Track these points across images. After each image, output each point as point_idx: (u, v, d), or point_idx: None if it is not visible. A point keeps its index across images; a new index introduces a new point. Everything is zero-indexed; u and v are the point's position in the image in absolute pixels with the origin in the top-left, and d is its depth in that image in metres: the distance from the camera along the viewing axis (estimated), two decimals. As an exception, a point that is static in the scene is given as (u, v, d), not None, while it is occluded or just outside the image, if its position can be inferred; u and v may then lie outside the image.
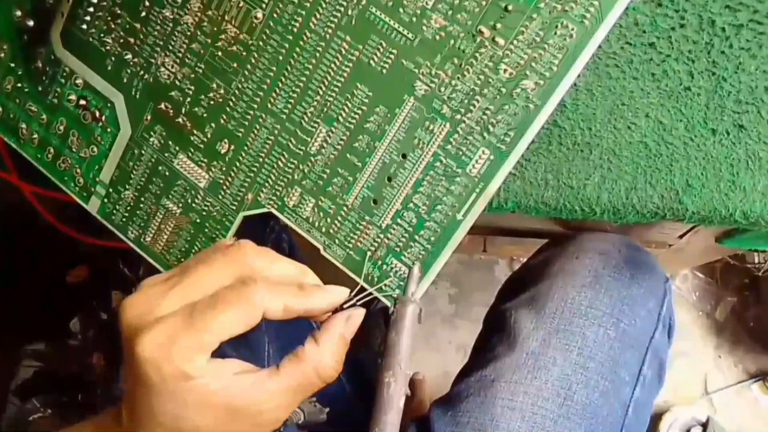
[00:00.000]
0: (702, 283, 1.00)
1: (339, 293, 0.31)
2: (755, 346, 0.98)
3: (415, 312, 0.32)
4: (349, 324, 0.31)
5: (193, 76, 0.35)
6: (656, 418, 0.93)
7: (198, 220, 0.37)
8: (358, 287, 0.33)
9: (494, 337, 0.47)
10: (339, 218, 0.35)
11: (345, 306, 0.31)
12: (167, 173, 0.37)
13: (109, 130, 0.38)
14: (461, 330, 1.02)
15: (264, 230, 0.52)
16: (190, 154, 0.36)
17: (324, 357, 0.30)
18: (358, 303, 0.32)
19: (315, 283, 0.32)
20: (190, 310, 0.28)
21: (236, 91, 0.35)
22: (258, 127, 0.35)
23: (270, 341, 0.49)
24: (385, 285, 0.34)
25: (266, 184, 0.35)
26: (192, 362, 0.27)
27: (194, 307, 0.28)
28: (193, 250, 0.38)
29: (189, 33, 0.35)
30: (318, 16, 0.32)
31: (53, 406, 0.95)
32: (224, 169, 0.36)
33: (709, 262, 0.96)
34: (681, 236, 0.58)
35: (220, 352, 0.28)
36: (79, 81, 0.37)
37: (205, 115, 0.35)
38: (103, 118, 0.38)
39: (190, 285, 0.29)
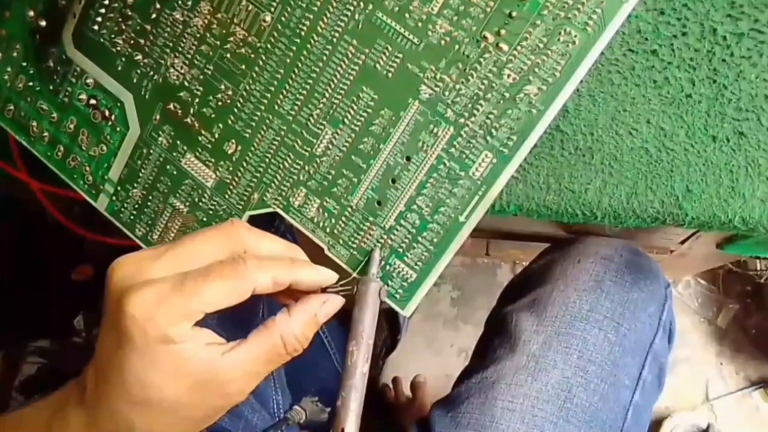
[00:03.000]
0: (704, 289, 1.00)
1: (327, 274, 0.32)
2: (757, 354, 0.97)
3: (376, 290, 0.33)
4: (325, 306, 0.31)
5: (201, 77, 0.36)
6: (657, 423, 0.93)
7: (204, 219, 0.38)
8: (351, 277, 0.33)
9: (495, 340, 0.48)
10: (343, 219, 0.35)
11: (328, 290, 0.32)
12: (175, 172, 0.38)
13: (118, 129, 0.38)
14: (463, 333, 1.02)
15: (269, 229, 0.52)
16: (197, 154, 0.37)
17: (292, 326, 0.30)
18: (344, 293, 0.32)
19: (304, 260, 0.32)
20: (182, 277, 0.28)
21: (244, 93, 0.35)
22: (265, 128, 0.35)
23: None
24: (389, 285, 0.35)
25: (272, 185, 0.36)
26: (176, 326, 0.27)
27: (186, 275, 0.28)
28: (199, 249, 0.39)
29: (198, 35, 0.35)
30: (325, 19, 0.33)
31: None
32: (231, 169, 0.37)
33: (711, 269, 0.96)
34: (682, 242, 0.58)
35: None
36: (89, 81, 0.38)
37: (213, 115, 0.36)
38: (113, 117, 0.38)
39: (182, 253, 0.29)
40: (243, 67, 0.35)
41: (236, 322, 0.39)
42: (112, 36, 0.37)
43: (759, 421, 0.95)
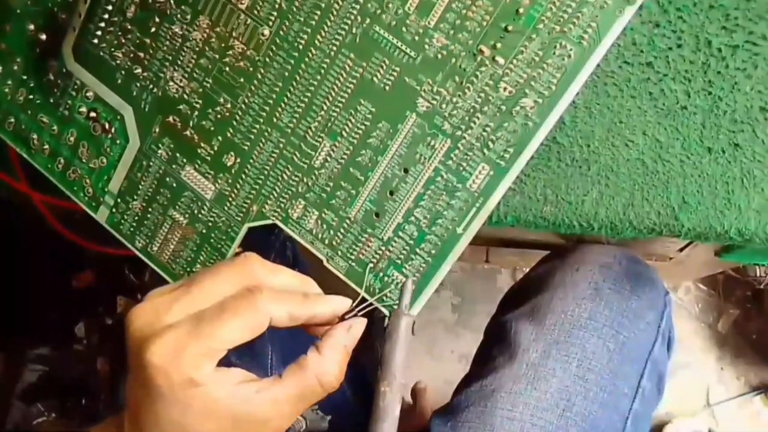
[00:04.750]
0: (704, 295, 1.00)
1: (341, 302, 0.32)
2: (757, 359, 0.98)
3: (409, 324, 0.32)
4: (351, 334, 0.31)
5: (200, 90, 0.36)
6: (658, 429, 0.93)
7: (204, 231, 0.38)
8: (359, 298, 0.33)
9: (495, 348, 0.48)
10: (342, 230, 0.35)
11: (347, 316, 0.32)
12: (174, 185, 0.38)
13: (118, 141, 0.39)
14: (463, 339, 1.02)
15: (268, 241, 0.53)
16: (197, 166, 0.37)
17: (326, 366, 0.30)
18: (360, 313, 0.32)
19: (317, 293, 0.33)
20: (198, 318, 0.28)
21: (243, 106, 0.35)
22: (263, 140, 0.36)
23: (273, 351, 0.50)
24: (386, 296, 0.35)
25: (271, 197, 0.36)
26: (199, 369, 0.28)
27: (202, 315, 0.28)
28: (199, 260, 0.39)
29: (197, 48, 0.35)
30: (323, 33, 0.33)
31: (57, 410, 0.96)
32: (230, 181, 0.37)
33: (711, 275, 0.96)
34: (681, 249, 0.59)
35: (225, 361, 0.29)
36: (89, 94, 0.38)
37: (212, 128, 0.36)
38: (113, 130, 0.38)
39: (197, 294, 0.29)
40: (242, 80, 0.35)
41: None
42: (112, 49, 0.37)
43: (760, 426, 0.95)
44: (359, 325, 0.32)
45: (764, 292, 0.93)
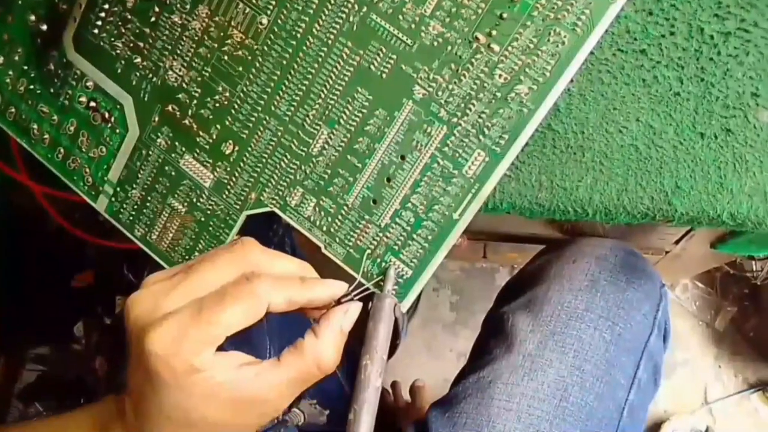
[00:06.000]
0: (702, 292, 1.00)
1: (338, 286, 0.32)
2: (755, 356, 0.98)
3: (391, 306, 0.33)
4: (347, 317, 0.32)
5: (199, 79, 0.36)
6: (656, 427, 0.93)
7: (202, 219, 0.38)
8: (356, 282, 0.34)
9: (492, 340, 0.48)
10: (339, 217, 0.36)
11: (343, 301, 0.32)
12: (173, 173, 0.38)
13: (117, 131, 0.39)
14: (462, 338, 1.03)
15: (268, 233, 0.53)
16: (195, 155, 0.38)
17: (323, 349, 0.31)
18: (356, 298, 0.33)
19: (314, 277, 0.33)
20: (197, 305, 0.29)
21: (241, 94, 0.36)
22: (262, 128, 0.36)
23: (271, 339, 0.50)
24: (383, 281, 0.35)
25: (269, 184, 0.37)
26: (200, 355, 0.28)
27: (201, 302, 0.29)
28: (198, 248, 0.39)
29: (196, 38, 0.36)
30: (321, 22, 0.33)
31: (55, 410, 0.96)
32: (228, 169, 0.37)
33: (708, 272, 0.96)
34: (677, 242, 0.59)
35: (222, 348, 0.29)
36: (89, 83, 0.39)
37: (210, 117, 0.37)
38: (112, 119, 0.39)
39: (196, 281, 0.30)
40: (240, 69, 0.36)
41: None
42: (112, 39, 0.37)
43: (757, 423, 0.96)
44: (355, 308, 0.32)
45: (761, 288, 0.93)
